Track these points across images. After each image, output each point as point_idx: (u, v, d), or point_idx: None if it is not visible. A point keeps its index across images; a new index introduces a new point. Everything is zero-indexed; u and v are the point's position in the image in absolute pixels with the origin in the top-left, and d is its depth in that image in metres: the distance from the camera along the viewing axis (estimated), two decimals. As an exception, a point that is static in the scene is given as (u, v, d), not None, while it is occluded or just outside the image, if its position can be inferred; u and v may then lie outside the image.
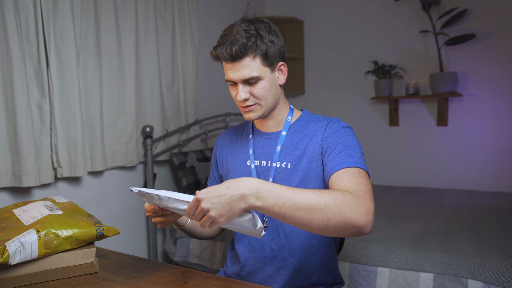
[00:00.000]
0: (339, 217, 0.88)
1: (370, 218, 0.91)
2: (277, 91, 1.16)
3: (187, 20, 2.59)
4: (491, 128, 2.93)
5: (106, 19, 2.08)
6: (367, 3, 3.25)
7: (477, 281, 1.59)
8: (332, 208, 0.87)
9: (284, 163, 1.17)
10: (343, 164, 1.04)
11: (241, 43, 1.07)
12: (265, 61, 1.10)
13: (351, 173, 1.01)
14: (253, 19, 1.12)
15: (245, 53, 1.08)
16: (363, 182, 0.99)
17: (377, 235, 1.95)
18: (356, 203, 0.90)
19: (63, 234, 1.02)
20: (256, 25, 1.10)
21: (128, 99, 2.21)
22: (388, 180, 3.29)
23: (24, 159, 1.68)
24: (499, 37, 2.84)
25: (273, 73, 1.14)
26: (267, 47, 1.09)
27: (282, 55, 1.15)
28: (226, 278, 1.04)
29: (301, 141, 1.17)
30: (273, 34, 1.12)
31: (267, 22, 1.13)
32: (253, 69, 1.09)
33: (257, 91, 1.12)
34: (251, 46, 1.07)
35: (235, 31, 1.09)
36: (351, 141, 1.10)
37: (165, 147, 2.50)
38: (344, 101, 3.42)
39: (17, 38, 1.63)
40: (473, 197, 2.66)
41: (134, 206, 2.38)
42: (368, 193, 0.95)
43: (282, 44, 1.15)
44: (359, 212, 0.89)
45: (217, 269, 2.24)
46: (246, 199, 0.85)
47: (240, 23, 1.10)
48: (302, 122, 1.21)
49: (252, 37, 1.08)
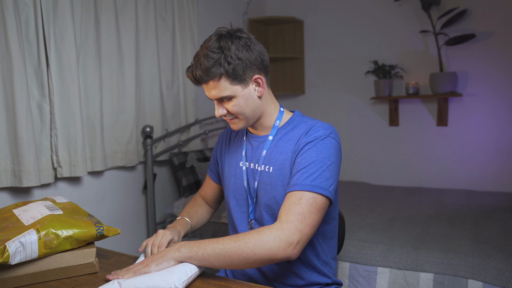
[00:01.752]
0: (254, 256, 0.97)
1: (290, 250, 0.97)
2: (255, 104, 1.14)
3: (187, 20, 2.59)
4: (491, 128, 2.93)
5: (106, 19, 2.08)
6: (367, 3, 3.25)
7: (477, 281, 1.59)
8: (246, 250, 0.97)
9: (267, 167, 1.17)
10: (293, 187, 1.04)
11: (203, 67, 1.07)
12: (234, 80, 1.09)
13: (292, 199, 1.02)
14: (225, 33, 1.10)
15: (209, 77, 1.08)
16: (297, 210, 1.00)
17: (377, 235, 1.95)
18: (272, 239, 0.97)
19: (63, 234, 1.02)
20: (223, 43, 1.07)
21: (128, 99, 2.21)
22: (388, 180, 3.29)
23: (24, 159, 1.68)
24: (499, 37, 2.84)
25: (247, 88, 1.12)
26: (234, 66, 1.07)
27: (257, 67, 1.11)
28: (226, 278, 1.04)
29: (286, 145, 1.16)
30: (243, 49, 1.08)
31: (238, 36, 1.09)
32: (222, 90, 1.10)
33: (231, 108, 1.13)
34: (214, 71, 1.07)
35: (202, 52, 1.09)
36: (317, 157, 1.06)
37: (165, 147, 2.50)
38: (344, 101, 3.42)
39: (17, 38, 1.63)
40: (473, 197, 2.66)
41: (134, 206, 2.38)
42: (295, 222, 0.98)
43: (256, 55, 1.11)
44: (275, 247, 0.97)
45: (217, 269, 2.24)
46: (179, 249, 1.03)
47: (210, 40, 1.09)
48: (290, 126, 1.19)
49: (215, 59, 1.06)
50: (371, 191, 2.93)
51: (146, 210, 2.45)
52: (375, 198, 2.69)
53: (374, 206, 2.49)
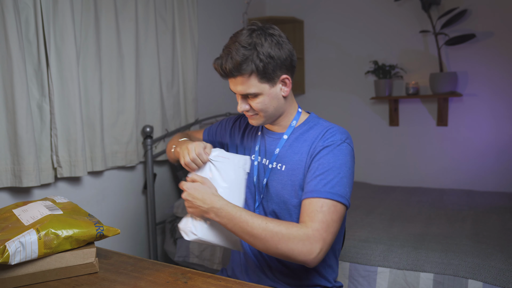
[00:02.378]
0: (275, 250, 1.02)
1: (312, 258, 1.00)
2: (279, 103, 1.14)
3: (187, 20, 2.59)
4: (491, 128, 2.93)
5: (106, 19, 2.08)
6: (367, 3, 3.25)
7: (477, 281, 1.59)
8: (270, 241, 1.01)
9: (279, 164, 1.17)
10: (312, 193, 1.05)
11: (234, 62, 1.06)
12: (263, 78, 1.08)
13: (314, 205, 1.03)
14: (258, 28, 1.09)
15: (239, 73, 1.07)
16: (320, 218, 1.01)
17: (377, 235, 1.95)
18: (297, 242, 1.00)
19: (63, 234, 1.02)
20: (256, 39, 1.06)
21: (128, 99, 2.21)
22: (388, 180, 3.29)
23: (24, 159, 1.68)
24: (499, 37, 2.84)
25: (274, 88, 1.11)
26: (264, 64, 1.06)
27: (286, 67, 1.11)
28: (226, 278, 1.04)
29: (301, 146, 1.15)
30: (276, 47, 1.07)
31: (271, 33, 1.08)
32: (250, 86, 1.09)
33: (255, 105, 1.12)
34: (245, 67, 1.06)
35: (233, 46, 1.07)
36: (334, 164, 1.07)
37: (165, 147, 2.50)
38: (344, 101, 3.42)
39: (17, 38, 1.63)
40: (473, 197, 2.66)
41: (134, 206, 2.38)
42: (320, 231, 1.00)
43: (287, 55, 1.10)
44: (297, 251, 1.00)
45: (217, 269, 2.24)
46: (208, 213, 1.08)
47: (242, 34, 1.08)
48: (306, 127, 1.19)
49: (247, 56, 1.05)
50: (371, 191, 2.93)
51: (146, 210, 2.45)
52: (375, 198, 2.69)
53: (374, 206, 2.49)
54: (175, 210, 2.42)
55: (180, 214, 2.40)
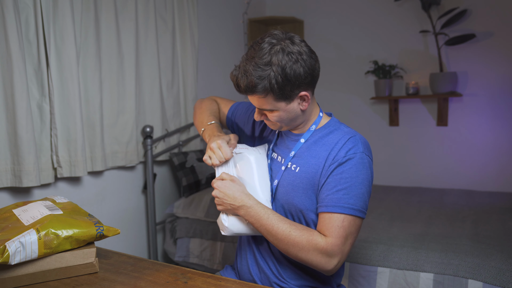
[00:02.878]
0: (295, 256, 1.08)
1: (330, 268, 1.06)
2: (297, 115, 1.12)
3: (187, 20, 2.59)
4: (491, 128, 2.93)
5: (106, 19, 2.08)
6: (367, 3, 3.25)
7: (477, 281, 1.59)
8: (292, 248, 1.07)
9: (294, 165, 1.16)
10: (334, 208, 1.06)
11: (249, 81, 1.03)
12: (280, 97, 1.06)
13: (335, 220, 1.05)
14: (278, 41, 1.03)
15: (254, 93, 1.06)
16: (341, 233, 1.05)
17: (377, 235, 1.95)
18: (316, 254, 1.05)
19: (63, 234, 1.02)
20: (274, 58, 1.01)
21: (128, 99, 2.21)
22: (388, 180, 3.29)
23: (24, 159, 1.68)
24: (499, 37, 2.84)
25: (291, 104, 1.08)
26: (280, 86, 1.02)
27: (306, 84, 1.06)
28: (226, 278, 1.04)
29: (319, 150, 1.14)
30: (294, 65, 1.02)
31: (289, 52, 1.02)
32: (265, 104, 1.08)
33: (272, 118, 1.12)
34: (260, 88, 1.03)
35: (250, 64, 1.03)
36: (357, 179, 1.07)
37: (165, 147, 2.50)
38: (344, 101, 3.42)
39: (17, 38, 1.63)
40: (473, 197, 2.66)
41: (134, 206, 2.38)
42: (339, 246, 1.05)
43: (307, 72, 1.04)
44: (316, 261, 1.06)
45: (217, 269, 2.24)
46: (239, 210, 1.12)
47: (262, 50, 1.03)
48: (326, 131, 1.17)
49: (263, 77, 1.02)
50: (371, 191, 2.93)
51: (146, 210, 2.45)
52: (375, 198, 2.69)
53: (374, 206, 2.49)
54: (175, 210, 2.42)
55: (180, 214, 2.40)
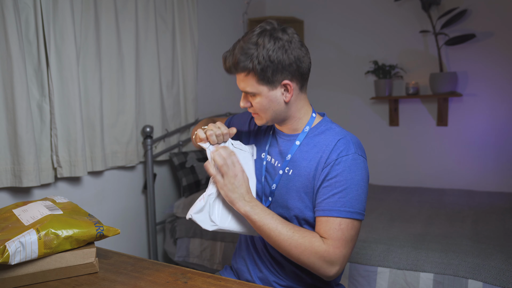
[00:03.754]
0: (297, 259, 1.06)
1: (331, 275, 1.05)
2: (280, 107, 1.11)
3: (187, 20, 2.59)
4: (491, 128, 2.93)
5: (106, 19, 2.08)
6: (367, 3, 3.25)
7: (477, 281, 1.59)
8: (293, 250, 1.05)
9: (287, 168, 1.16)
10: (331, 212, 1.05)
11: (234, 59, 1.07)
12: (261, 80, 1.07)
13: (332, 224, 1.05)
14: (268, 30, 1.07)
15: (237, 70, 1.08)
16: (340, 235, 1.04)
17: (377, 235, 1.95)
18: (318, 257, 1.04)
19: (63, 234, 1.02)
20: (260, 40, 1.05)
21: (128, 99, 2.21)
22: (388, 180, 3.29)
23: (24, 159, 1.68)
24: (499, 37, 2.84)
25: (273, 91, 1.09)
26: (263, 67, 1.05)
27: (290, 73, 1.07)
28: (226, 278, 1.04)
29: (310, 151, 1.13)
30: (279, 51, 1.05)
31: (278, 37, 1.05)
32: (248, 85, 1.09)
33: (254, 104, 1.12)
34: (242, 66, 1.06)
35: (239, 44, 1.07)
36: (352, 181, 1.06)
37: (165, 147, 2.50)
38: (344, 101, 3.42)
39: (17, 38, 1.63)
40: (473, 197, 2.66)
41: (134, 206, 2.38)
42: (340, 248, 1.04)
43: (292, 60, 1.06)
44: (317, 266, 1.04)
45: (217, 269, 2.24)
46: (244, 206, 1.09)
47: (252, 33, 1.07)
48: (317, 131, 1.16)
49: (247, 56, 1.05)
50: (371, 191, 2.93)
51: (146, 210, 2.45)
52: (375, 198, 2.69)
53: (374, 206, 2.49)
54: (175, 210, 2.42)
55: (180, 214, 2.40)
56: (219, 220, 1.13)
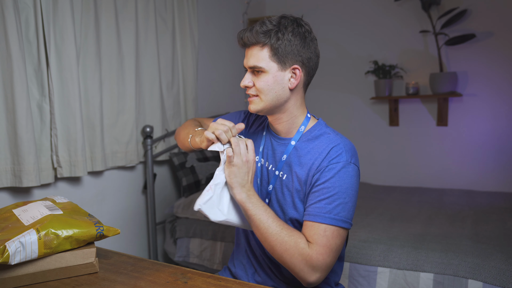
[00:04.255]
0: (280, 257, 1.05)
1: (309, 282, 1.03)
2: (283, 92, 1.11)
3: (187, 20, 2.59)
4: (491, 128, 2.93)
5: (106, 19, 2.08)
6: (367, 3, 3.25)
7: (477, 281, 1.59)
8: (278, 246, 1.04)
9: (281, 172, 1.16)
10: (316, 217, 1.04)
11: (255, 30, 1.08)
12: (274, 56, 1.08)
13: (317, 229, 1.04)
14: (292, 18, 1.10)
15: (255, 41, 1.09)
16: (324, 242, 1.03)
17: (377, 235, 1.95)
18: (300, 260, 1.02)
19: (63, 234, 1.02)
20: (283, 21, 1.08)
21: (128, 99, 2.21)
22: (388, 180, 3.29)
23: (24, 159, 1.68)
24: (499, 37, 2.84)
25: (282, 72, 1.09)
26: (280, 43, 1.07)
27: (302, 61, 1.10)
28: (226, 278, 1.04)
29: (305, 157, 1.13)
30: (299, 37, 1.08)
31: (300, 24, 1.10)
32: (259, 59, 1.09)
33: (258, 83, 1.10)
34: (262, 37, 1.07)
35: (260, 20, 1.10)
36: (340, 188, 1.05)
37: (165, 147, 2.50)
38: (344, 101, 3.42)
39: (17, 38, 1.63)
40: (473, 197, 2.66)
41: (134, 206, 2.38)
42: (323, 255, 1.02)
43: (309, 52, 1.10)
44: (298, 268, 1.03)
45: (217, 269, 2.24)
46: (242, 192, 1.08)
47: (275, 17, 1.11)
48: (312, 135, 1.15)
49: (268, 29, 1.07)
50: (371, 191, 2.93)
51: (146, 210, 2.45)
52: (375, 198, 2.69)
53: (374, 206, 2.49)
54: (175, 210, 2.42)
55: (180, 214, 2.40)
56: (227, 211, 1.12)
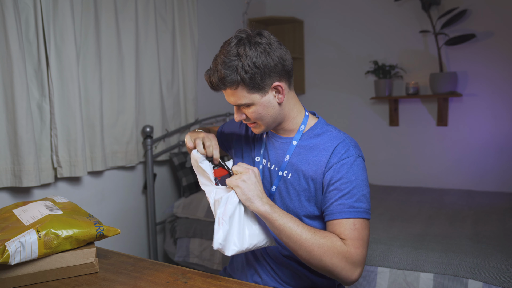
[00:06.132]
0: (319, 262, 1.01)
1: (356, 275, 1.02)
2: (275, 110, 1.11)
3: (187, 20, 2.59)
4: (491, 128, 2.93)
5: (106, 19, 2.08)
6: (367, 3, 3.25)
7: (477, 281, 1.59)
8: (316, 250, 1.00)
9: (286, 171, 1.16)
10: (341, 214, 1.04)
11: (219, 75, 1.04)
12: (252, 89, 1.05)
13: (346, 225, 1.04)
14: (246, 36, 1.05)
15: (226, 86, 1.06)
16: (357, 235, 1.03)
17: (377, 235, 1.95)
18: (341, 258, 1.00)
19: (63, 234, 1.02)
20: (240, 49, 1.03)
21: (128, 99, 2.21)
22: (388, 180, 3.29)
23: (24, 159, 1.68)
24: (499, 37, 2.84)
25: (266, 96, 1.08)
26: (251, 75, 1.03)
27: (277, 74, 1.07)
28: (226, 278, 1.04)
29: (309, 155, 1.13)
30: (262, 55, 1.03)
31: (257, 42, 1.04)
32: (240, 98, 1.07)
33: (250, 115, 1.11)
34: (230, 80, 1.04)
35: (219, 59, 1.05)
36: (356, 182, 1.06)
37: (165, 147, 2.50)
38: (344, 101, 3.42)
39: (17, 38, 1.63)
40: (473, 197, 2.66)
41: (134, 206, 2.38)
42: (360, 249, 1.02)
43: (276, 61, 1.05)
44: (340, 268, 1.00)
45: (217, 269, 2.24)
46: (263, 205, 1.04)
47: (229, 44, 1.05)
48: (314, 133, 1.16)
49: (232, 68, 1.03)
50: (371, 191, 2.93)
51: (146, 210, 2.45)
52: (375, 198, 2.69)
53: (374, 206, 2.49)
54: (175, 210, 2.42)
55: (180, 214, 2.40)
56: (238, 241, 1.04)
